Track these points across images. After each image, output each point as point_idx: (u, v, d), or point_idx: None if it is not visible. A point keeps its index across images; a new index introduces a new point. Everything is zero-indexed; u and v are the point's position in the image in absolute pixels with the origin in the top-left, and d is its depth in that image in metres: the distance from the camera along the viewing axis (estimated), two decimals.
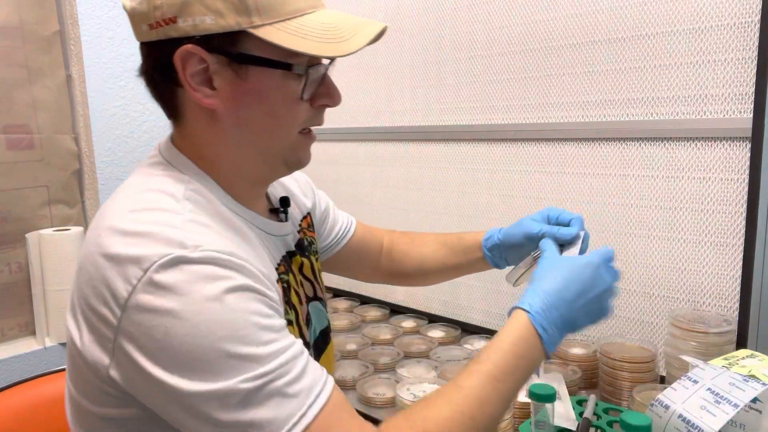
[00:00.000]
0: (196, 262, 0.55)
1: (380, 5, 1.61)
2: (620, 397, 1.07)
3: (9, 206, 1.61)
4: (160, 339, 0.54)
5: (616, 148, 1.21)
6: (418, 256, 1.05)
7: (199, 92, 0.63)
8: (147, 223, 0.58)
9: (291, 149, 0.70)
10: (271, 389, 0.55)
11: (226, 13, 0.59)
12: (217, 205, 0.66)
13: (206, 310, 0.54)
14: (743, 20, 1.03)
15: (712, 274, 1.11)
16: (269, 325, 0.57)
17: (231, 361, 0.54)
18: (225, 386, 0.53)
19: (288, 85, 0.65)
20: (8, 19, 1.57)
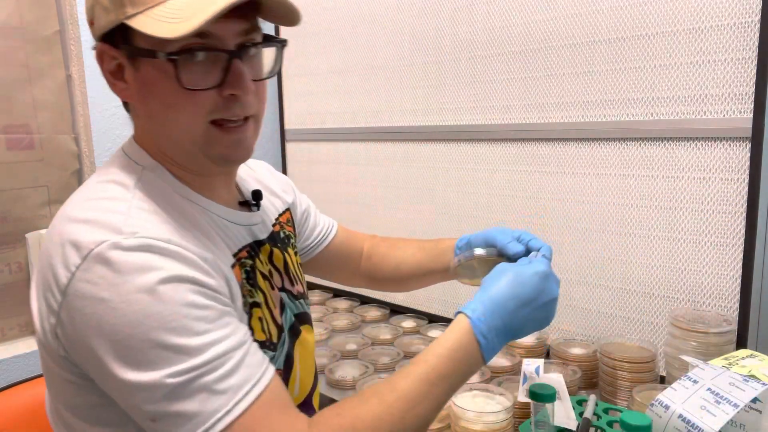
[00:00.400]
0: (130, 249, 0.56)
1: (381, 6, 1.61)
2: (620, 397, 1.07)
3: (9, 206, 1.61)
4: (94, 327, 0.56)
5: (616, 148, 1.21)
6: (395, 259, 1.05)
7: (116, 86, 0.66)
8: (93, 210, 0.61)
9: (205, 142, 0.66)
10: (199, 384, 0.55)
11: (110, 8, 0.62)
12: (169, 194, 0.67)
13: (137, 301, 0.55)
14: (743, 20, 1.03)
15: (712, 274, 1.11)
16: (203, 316, 0.58)
17: (161, 352, 0.55)
18: (153, 378, 0.55)
19: (173, 73, 0.62)
20: (8, 19, 1.57)
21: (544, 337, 1.28)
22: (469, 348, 0.67)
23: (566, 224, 1.31)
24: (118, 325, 0.55)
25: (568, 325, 1.33)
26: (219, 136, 0.66)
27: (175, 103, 0.64)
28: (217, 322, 0.59)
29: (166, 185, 0.68)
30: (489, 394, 1.04)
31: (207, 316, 0.58)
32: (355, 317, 1.60)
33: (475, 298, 0.71)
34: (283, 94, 1.97)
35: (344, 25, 1.71)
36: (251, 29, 0.65)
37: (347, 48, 1.73)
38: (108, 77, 0.66)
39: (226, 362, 0.57)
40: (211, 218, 0.71)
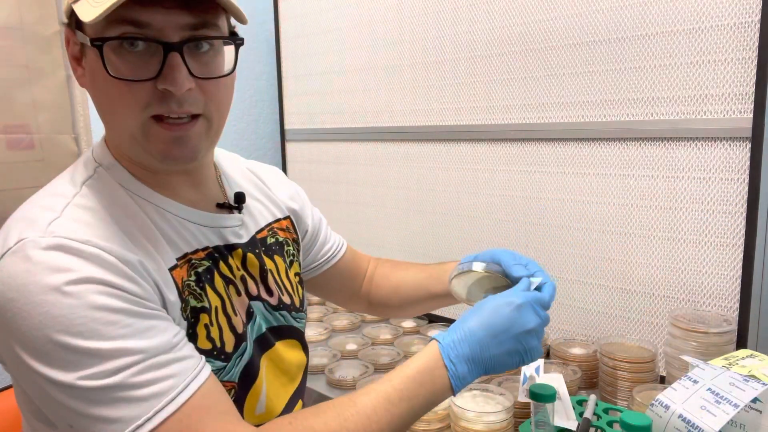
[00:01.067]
0: (44, 248, 0.56)
1: (380, 6, 1.61)
2: (620, 397, 1.07)
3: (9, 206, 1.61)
4: (8, 324, 0.55)
5: (616, 148, 1.21)
6: (396, 282, 1.01)
7: (76, 71, 0.66)
8: (34, 207, 0.61)
9: (144, 137, 0.63)
10: (116, 390, 0.54)
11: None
12: (117, 192, 0.66)
13: (44, 303, 0.54)
14: (743, 20, 1.03)
15: (712, 274, 1.11)
16: (115, 321, 0.55)
17: (69, 354, 0.54)
18: (66, 379, 0.54)
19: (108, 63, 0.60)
20: (8, 19, 1.57)
21: (544, 337, 1.28)
22: (435, 372, 0.65)
23: (566, 224, 1.31)
24: (26, 326, 0.54)
25: (568, 324, 1.33)
26: (157, 132, 0.63)
27: (112, 93, 0.62)
28: (132, 327, 0.56)
29: (117, 183, 0.67)
30: (489, 394, 1.04)
31: (120, 321, 0.56)
32: (355, 317, 1.60)
33: (450, 326, 0.69)
34: (283, 94, 1.97)
35: (344, 25, 1.71)
36: (200, 24, 0.61)
37: (347, 48, 1.73)
38: (72, 62, 0.66)
39: (143, 369, 0.55)
40: (165, 217, 0.69)
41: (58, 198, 0.62)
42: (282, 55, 1.94)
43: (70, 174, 0.68)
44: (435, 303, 0.97)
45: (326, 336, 1.48)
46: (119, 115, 0.63)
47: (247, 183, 0.86)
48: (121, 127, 0.64)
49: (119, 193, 0.66)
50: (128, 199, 0.66)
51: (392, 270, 1.03)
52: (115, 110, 0.63)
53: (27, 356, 0.55)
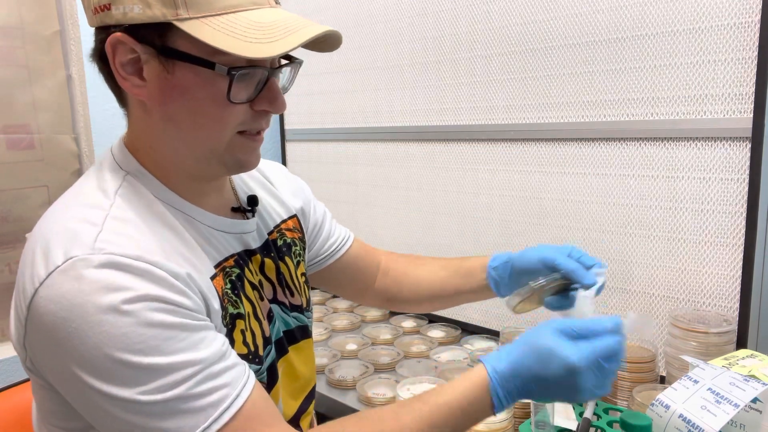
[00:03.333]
0: (96, 266, 0.55)
1: (380, 6, 1.61)
2: (620, 397, 1.07)
3: (9, 206, 1.61)
4: (61, 342, 0.55)
5: (616, 148, 1.21)
6: (415, 277, 0.99)
7: (128, 81, 0.62)
8: (70, 219, 0.60)
9: (227, 150, 0.66)
10: (174, 403, 0.55)
11: (153, 3, 0.58)
12: (151, 201, 0.65)
13: (102, 323, 0.54)
14: (743, 20, 1.03)
15: (712, 274, 1.11)
16: (172, 336, 0.56)
17: (129, 371, 0.54)
18: (125, 395, 0.54)
19: (216, 84, 0.62)
20: (8, 19, 1.57)
21: None
22: (482, 404, 0.64)
23: (566, 224, 1.31)
24: (83, 346, 0.54)
25: None
26: (242, 144, 0.67)
27: (210, 112, 0.63)
28: (187, 340, 0.57)
29: (149, 192, 0.66)
30: None
31: (176, 336, 0.57)
32: (355, 317, 1.60)
33: (500, 351, 0.66)
34: None
35: (344, 25, 1.71)
36: None
37: (347, 48, 1.73)
38: (118, 69, 0.62)
39: (201, 380, 0.56)
40: (196, 227, 0.69)
41: (94, 210, 0.61)
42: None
43: (96, 180, 0.66)
44: (460, 300, 0.97)
45: (326, 336, 1.48)
46: (209, 131, 0.64)
47: (255, 183, 0.86)
48: (204, 141, 0.65)
49: (152, 202, 0.65)
50: (162, 208, 0.66)
51: (410, 265, 1.02)
52: (207, 126, 0.64)
53: (84, 374, 0.55)
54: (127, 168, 0.67)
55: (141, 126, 0.68)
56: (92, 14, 0.62)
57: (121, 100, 0.69)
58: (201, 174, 0.70)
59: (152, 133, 0.67)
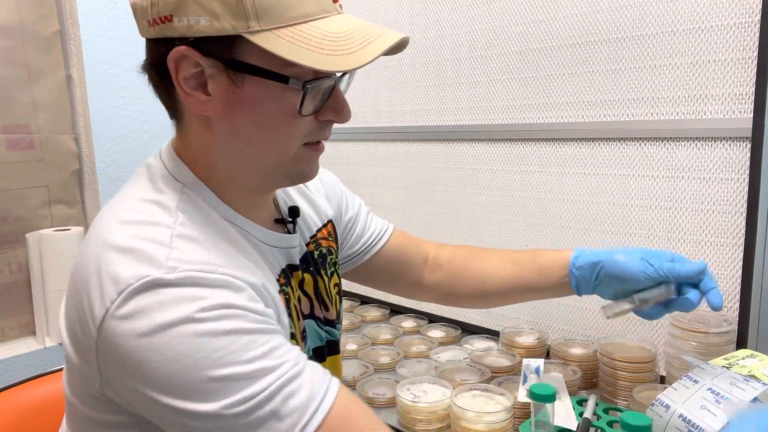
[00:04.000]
0: (172, 285, 0.53)
1: (380, 5, 1.61)
2: (620, 397, 1.07)
3: (9, 206, 1.61)
4: (137, 363, 0.52)
5: (616, 148, 1.21)
6: (479, 271, 0.93)
7: (191, 96, 0.60)
8: (135, 237, 0.56)
9: (292, 162, 0.65)
10: (262, 411, 0.52)
11: (222, 15, 0.55)
12: (212, 216, 0.63)
13: (179, 335, 0.51)
14: (743, 20, 1.03)
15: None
16: (251, 342, 0.54)
17: (211, 385, 0.51)
18: (210, 409, 0.51)
19: (286, 97, 0.60)
20: (8, 19, 1.57)
21: (544, 337, 1.28)
22: None
23: (566, 224, 1.31)
24: (161, 361, 0.51)
25: (568, 324, 1.33)
26: (308, 155, 0.66)
27: (279, 126, 0.61)
28: (267, 345, 0.55)
29: (208, 206, 0.64)
30: (489, 394, 1.04)
31: (255, 341, 0.54)
32: (355, 317, 1.60)
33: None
34: None
35: None
36: None
37: None
38: (182, 85, 0.59)
39: (284, 384, 0.54)
40: (251, 240, 0.67)
41: (159, 228, 0.58)
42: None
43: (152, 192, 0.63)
44: (534, 296, 0.93)
45: None
46: (277, 143, 0.63)
47: (293, 190, 0.84)
48: (271, 154, 0.64)
49: (214, 217, 0.63)
50: (223, 222, 0.64)
51: (472, 259, 0.97)
52: (272, 141, 0.63)
53: (164, 396, 0.52)
54: (183, 180, 0.64)
55: (200, 140, 0.65)
56: (148, 25, 0.59)
57: (172, 111, 0.67)
58: (260, 187, 0.69)
59: (213, 148, 0.64)
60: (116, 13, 1.80)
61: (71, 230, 1.66)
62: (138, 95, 1.85)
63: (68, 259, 1.62)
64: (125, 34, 1.82)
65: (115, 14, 1.80)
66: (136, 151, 1.90)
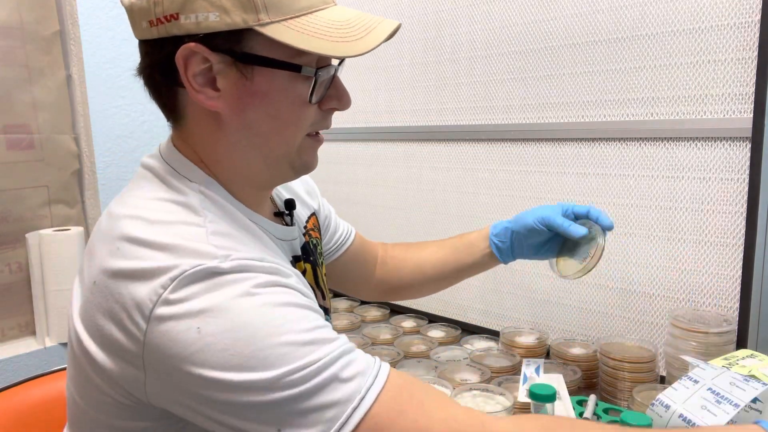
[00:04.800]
0: (227, 272, 0.53)
1: (380, 6, 1.61)
2: (620, 397, 1.07)
3: (9, 206, 1.61)
4: (193, 341, 0.51)
5: (616, 148, 1.21)
6: (415, 260, 0.99)
7: (201, 93, 0.60)
8: (171, 236, 0.55)
9: (297, 153, 0.66)
10: (323, 377, 0.52)
11: (231, 9, 0.56)
12: (233, 212, 0.63)
13: (238, 306, 0.52)
14: (743, 20, 1.03)
15: (712, 274, 1.11)
16: (306, 316, 0.55)
17: (272, 351, 0.51)
18: (272, 376, 0.51)
19: (296, 87, 0.61)
20: (8, 19, 1.57)
21: (544, 337, 1.28)
22: None
23: None
24: (219, 334, 0.51)
25: (568, 324, 1.33)
26: (309, 145, 0.67)
27: (288, 116, 0.63)
28: (319, 321, 0.56)
29: (226, 203, 0.64)
30: (489, 394, 1.04)
31: (309, 316, 0.56)
32: (355, 317, 1.60)
33: None
34: None
35: None
36: None
37: None
38: (191, 82, 0.59)
39: (342, 353, 0.54)
40: (269, 236, 0.68)
41: (192, 227, 0.57)
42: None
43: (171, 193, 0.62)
44: (464, 274, 0.98)
45: None
46: (285, 135, 0.64)
47: (282, 185, 0.85)
48: (279, 146, 0.65)
49: (233, 213, 0.64)
50: (244, 219, 0.65)
51: (407, 251, 1.02)
52: (282, 131, 0.64)
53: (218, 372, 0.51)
54: (196, 180, 0.64)
55: (206, 137, 0.65)
56: (149, 26, 0.59)
57: (172, 112, 0.66)
58: (267, 180, 0.70)
59: (222, 146, 0.64)
60: (116, 13, 1.80)
61: (71, 230, 1.66)
62: (138, 95, 1.85)
63: (68, 259, 1.62)
64: (125, 34, 1.82)
65: (115, 14, 1.80)
66: (136, 151, 1.90)
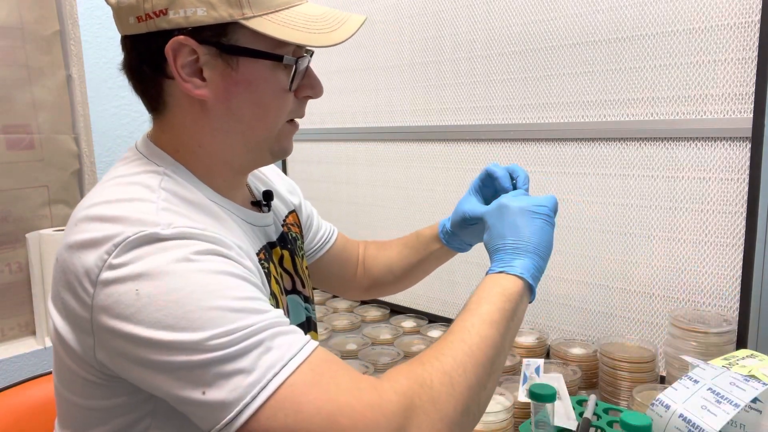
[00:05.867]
0: (168, 239, 0.56)
1: (380, 5, 1.61)
2: (620, 397, 1.07)
3: (9, 206, 1.61)
4: (132, 302, 0.54)
5: (616, 148, 1.21)
6: (386, 260, 1.05)
7: (189, 83, 0.64)
8: (122, 210, 0.59)
9: (277, 139, 0.71)
10: (249, 342, 0.54)
11: (217, 4, 0.61)
12: (194, 194, 0.66)
13: (175, 270, 0.55)
14: (743, 20, 1.03)
15: (712, 274, 1.11)
16: (240, 285, 0.57)
17: (203, 314, 0.53)
18: (200, 337, 0.53)
19: (277, 76, 0.66)
20: (8, 19, 1.57)
21: (544, 337, 1.28)
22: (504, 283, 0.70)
23: (566, 224, 1.31)
24: (155, 296, 0.54)
25: (568, 325, 1.33)
26: (288, 131, 0.73)
27: (271, 103, 0.68)
28: (254, 293, 0.58)
29: (190, 185, 0.67)
30: None
31: (244, 287, 0.58)
32: (355, 317, 1.60)
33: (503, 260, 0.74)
34: None
35: None
36: None
37: (347, 48, 1.73)
38: (180, 73, 0.63)
39: (271, 324, 0.56)
40: (231, 218, 0.71)
41: (144, 203, 0.60)
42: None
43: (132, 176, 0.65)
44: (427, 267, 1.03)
45: (326, 336, 1.48)
46: (267, 121, 0.69)
47: (257, 180, 0.89)
48: (259, 133, 0.69)
49: (196, 195, 0.66)
50: (206, 201, 0.67)
51: (379, 251, 1.07)
52: (264, 118, 0.68)
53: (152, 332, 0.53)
54: (162, 164, 0.67)
55: (191, 127, 0.68)
56: (137, 21, 0.62)
57: (156, 103, 0.69)
58: (246, 164, 0.74)
59: (206, 132, 0.68)
60: None
61: None
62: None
63: None
64: None
65: None
66: None
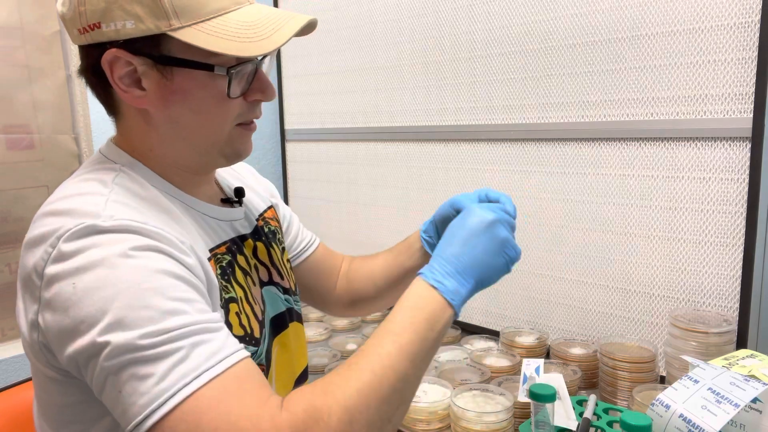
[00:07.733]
0: (108, 231, 0.57)
1: (380, 5, 1.61)
2: (620, 397, 1.07)
3: (9, 206, 1.61)
4: (69, 296, 0.55)
5: (616, 148, 1.21)
6: (369, 271, 1.01)
7: (128, 93, 0.65)
8: (71, 203, 0.60)
9: (227, 142, 0.71)
10: (170, 347, 0.54)
11: (144, 17, 0.61)
12: (148, 190, 0.67)
13: (111, 265, 0.55)
14: (743, 20, 1.03)
15: (712, 274, 1.11)
16: (176, 285, 0.57)
17: (131, 312, 0.54)
18: (125, 338, 0.53)
19: (214, 83, 0.66)
20: (8, 19, 1.57)
21: (544, 337, 1.28)
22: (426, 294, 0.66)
23: (566, 224, 1.31)
24: (91, 289, 0.55)
25: (568, 324, 1.33)
26: (239, 135, 0.71)
27: (211, 110, 0.67)
28: (189, 294, 0.58)
29: (145, 181, 0.68)
30: (489, 394, 1.04)
31: (179, 286, 0.58)
32: (355, 317, 1.60)
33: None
34: (283, 94, 1.97)
35: (344, 25, 1.71)
36: None
37: (347, 48, 1.73)
38: (118, 84, 0.65)
39: (198, 331, 0.56)
40: (191, 213, 0.72)
41: (94, 196, 0.61)
42: (282, 55, 1.94)
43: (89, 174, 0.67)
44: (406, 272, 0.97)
45: (326, 336, 1.48)
46: (210, 127, 0.69)
47: (232, 179, 0.90)
48: (206, 137, 0.69)
49: (149, 190, 0.67)
50: (158, 195, 0.68)
51: (364, 262, 1.04)
52: (207, 124, 0.68)
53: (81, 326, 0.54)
54: (120, 161, 0.69)
55: (140, 132, 0.70)
56: (78, 34, 0.64)
57: (110, 109, 0.72)
58: (200, 167, 0.74)
59: (153, 137, 0.70)
60: None
61: None
62: None
63: None
64: None
65: None
66: None
